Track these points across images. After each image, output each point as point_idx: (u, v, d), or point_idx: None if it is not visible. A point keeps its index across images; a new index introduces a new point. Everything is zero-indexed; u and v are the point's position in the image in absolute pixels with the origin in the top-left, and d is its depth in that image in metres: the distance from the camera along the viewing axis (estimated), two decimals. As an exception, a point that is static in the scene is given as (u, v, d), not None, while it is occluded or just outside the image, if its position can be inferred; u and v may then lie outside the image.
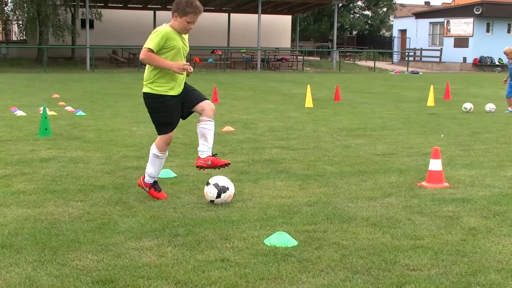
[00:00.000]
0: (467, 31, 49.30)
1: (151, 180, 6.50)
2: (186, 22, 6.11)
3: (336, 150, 9.76)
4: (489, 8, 48.63)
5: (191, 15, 6.09)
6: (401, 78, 35.58)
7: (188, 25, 6.15)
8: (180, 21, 6.12)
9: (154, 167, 6.46)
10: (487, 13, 48.11)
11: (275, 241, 5.02)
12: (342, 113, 15.22)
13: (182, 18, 6.10)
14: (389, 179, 7.59)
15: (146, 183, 6.51)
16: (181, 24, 6.13)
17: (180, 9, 6.08)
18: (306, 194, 6.82)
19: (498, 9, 49.68)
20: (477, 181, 7.57)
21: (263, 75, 35.26)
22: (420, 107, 17.35)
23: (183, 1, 6.10)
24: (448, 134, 11.73)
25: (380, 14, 66.79)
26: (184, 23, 6.12)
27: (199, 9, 6.14)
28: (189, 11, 6.07)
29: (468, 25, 49.21)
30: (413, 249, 4.96)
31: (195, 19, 6.14)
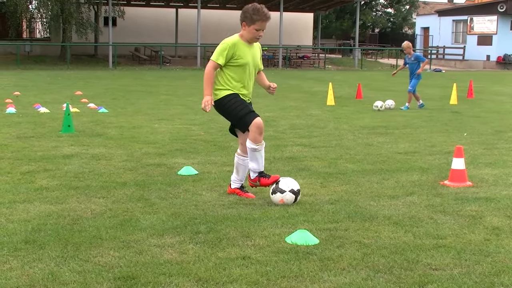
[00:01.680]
0: (490, 28, 48.81)
1: (256, 174, 6.37)
2: (255, 30, 6.13)
3: (358, 148, 9.72)
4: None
5: (259, 23, 6.10)
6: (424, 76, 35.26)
7: (257, 33, 6.17)
8: (249, 30, 6.15)
9: (256, 162, 6.34)
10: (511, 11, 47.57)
11: (297, 239, 5.01)
12: (364, 111, 15.16)
13: (250, 26, 6.12)
14: (411, 178, 7.54)
15: (253, 178, 6.39)
16: (250, 33, 6.16)
17: (248, 17, 6.11)
18: (328, 192, 6.79)
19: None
20: (500, 180, 7.49)
21: (284, 73, 35.22)
22: (442, 105, 17.22)
23: (250, 9, 6.13)
24: (471, 132, 11.62)
25: (402, 11, 66.40)
26: (253, 32, 6.14)
27: (266, 16, 6.11)
28: (256, 19, 6.09)
29: (491, 23, 48.72)
30: (436, 249, 4.92)
31: (263, 26, 6.14)
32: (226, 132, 11.13)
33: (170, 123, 12.40)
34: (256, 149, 6.29)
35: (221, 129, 11.50)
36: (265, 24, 6.15)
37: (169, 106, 15.66)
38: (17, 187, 6.78)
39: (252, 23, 6.10)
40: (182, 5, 45.66)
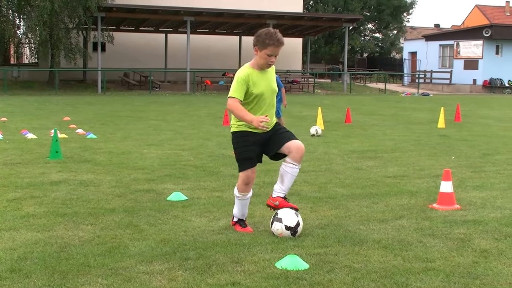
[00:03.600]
0: (476, 53, 49.33)
1: (235, 219, 6.30)
2: (267, 55, 5.93)
3: (347, 172, 9.74)
4: (498, 31, 48.72)
5: (271, 48, 5.90)
6: (412, 100, 35.56)
7: (269, 58, 5.96)
8: (261, 55, 5.95)
9: (237, 208, 6.26)
10: (496, 36, 48.17)
11: (287, 264, 5.00)
12: (353, 135, 15.21)
13: (262, 51, 5.93)
14: (400, 201, 7.55)
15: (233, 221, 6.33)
16: (262, 58, 5.97)
17: (260, 42, 5.94)
18: (317, 216, 6.79)
19: (507, 32, 49.77)
20: (488, 202, 7.52)
21: (273, 98, 35.33)
22: (430, 129, 17.32)
23: (263, 33, 5.98)
24: (459, 156, 11.68)
25: (390, 36, 67.05)
26: (265, 57, 5.94)
27: (279, 41, 5.93)
28: (269, 43, 5.90)
29: (477, 47, 49.25)
30: (425, 272, 4.93)
31: (276, 51, 5.95)
32: (215, 157, 11.16)
33: (160, 148, 12.39)
34: (238, 197, 6.20)
35: (211, 154, 11.51)
36: (278, 50, 5.95)
37: (158, 132, 15.66)
38: (3, 214, 6.73)
39: (264, 48, 5.91)
40: (172, 30, 45.87)
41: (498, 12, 79.01)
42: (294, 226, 5.88)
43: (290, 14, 43.37)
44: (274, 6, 45.31)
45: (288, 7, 46.68)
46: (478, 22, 69.27)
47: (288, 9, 45.51)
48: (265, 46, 5.90)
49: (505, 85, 49.03)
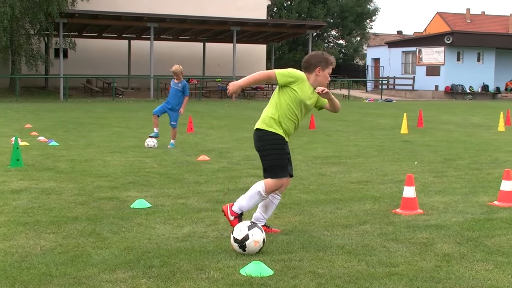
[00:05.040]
0: (438, 59, 50.06)
1: (239, 211, 6.21)
2: (326, 74, 6.20)
3: (311, 178, 9.78)
4: (459, 38, 49.54)
5: (329, 69, 6.21)
6: (375, 106, 35.93)
7: (327, 79, 6.24)
8: (323, 74, 6.18)
9: (250, 204, 6.16)
10: (457, 42, 48.96)
11: (251, 270, 4.99)
12: (317, 141, 15.29)
13: (325, 70, 6.17)
14: (364, 207, 7.61)
15: (233, 210, 6.20)
16: (324, 77, 6.20)
17: (323, 62, 6.16)
18: (282, 222, 6.80)
19: (468, 38, 50.66)
20: (450, 207, 7.62)
21: (238, 104, 35.38)
22: (394, 134, 17.50)
23: (320, 54, 6.24)
24: (422, 161, 11.83)
25: (353, 43, 67.65)
26: (326, 75, 6.21)
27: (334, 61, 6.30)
28: (330, 63, 6.20)
29: (439, 54, 49.99)
30: (388, 277, 4.97)
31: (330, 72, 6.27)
32: (179, 164, 11.11)
33: (123, 155, 12.28)
34: (263, 196, 6.09)
35: (175, 161, 11.45)
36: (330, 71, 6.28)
37: (121, 139, 15.52)
38: (-36, 223, 6.60)
39: (327, 67, 6.17)
40: (135, 36, 45.61)
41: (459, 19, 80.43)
42: (241, 239, 5.54)
43: (254, 21, 43.48)
44: (238, 13, 45.40)
45: (252, 13, 46.81)
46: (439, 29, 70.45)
47: (252, 16, 45.64)
48: (328, 65, 6.18)
49: (466, 91, 49.85)
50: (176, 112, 13.63)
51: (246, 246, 5.55)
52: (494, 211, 7.42)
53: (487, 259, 5.49)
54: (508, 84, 52.55)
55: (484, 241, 6.08)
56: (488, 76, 50.65)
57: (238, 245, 5.58)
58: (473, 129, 18.26)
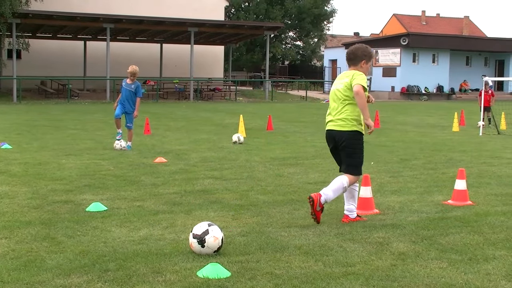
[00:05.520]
0: (394, 61, 50.73)
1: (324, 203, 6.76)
2: (368, 66, 6.84)
3: (269, 179, 9.79)
4: (414, 39, 50.29)
5: (370, 62, 6.90)
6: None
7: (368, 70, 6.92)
8: (366, 66, 6.83)
9: (334, 195, 6.79)
10: (413, 44, 49.71)
11: (208, 272, 4.97)
12: (275, 143, 15.33)
13: (368, 63, 6.83)
14: (321, 207, 7.64)
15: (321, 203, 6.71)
16: (366, 69, 6.84)
17: (367, 55, 6.79)
18: (239, 224, 6.79)
19: (423, 40, 51.48)
20: (405, 207, 7.72)
21: (196, 106, 35.25)
22: (350, 135, 17.60)
23: (365, 47, 6.84)
24: (378, 161, 11.95)
25: (311, 44, 68.04)
26: (368, 67, 6.86)
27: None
28: (371, 58, 6.87)
29: (395, 55, 50.66)
30: (345, 276, 5.00)
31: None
32: (136, 166, 11.01)
33: (78, 158, 12.11)
34: (345, 188, 6.80)
35: (131, 163, 11.34)
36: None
37: (77, 141, 15.30)
38: None
39: (369, 60, 6.83)
40: (91, 37, 45.04)
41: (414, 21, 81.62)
42: (200, 234, 5.55)
43: (212, 22, 43.39)
44: (195, 14, 45.24)
45: (210, 14, 46.71)
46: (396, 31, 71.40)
47: (210, 17, 45.53)
48: (371, 58, 6.87)
49: (422, 92, 50.62)
50: (131, 114, 13.49)
51: (205, 241, 5.53)
52: (448, 210, 7.54)
53: (442, 257, 5.58)
54: (462, 85, 53.55)
55: (438, 239, 6.18)
56: (443, 77, 51.55)
57: (197, 241, 5.56)
58: (429, 129, 18.54)
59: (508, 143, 15.85)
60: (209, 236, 5.55)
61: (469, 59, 55.62)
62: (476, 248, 5.87)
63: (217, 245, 5.58)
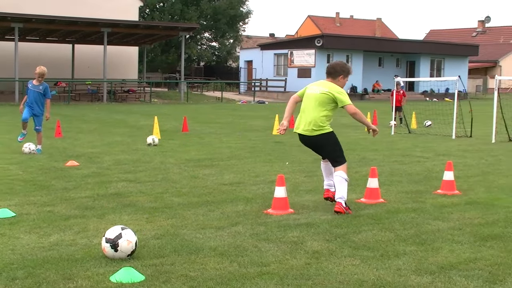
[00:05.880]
0: (309, 62, 51.49)
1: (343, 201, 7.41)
2: (345, 81, 7.66)
3: (184, 181, 9.72)
4: (329, 40, 51.19)
5: (347, 78, 7.69)
6: (248, 108, 36.40)
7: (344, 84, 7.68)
8: (343, 81, 7.64)
9: (346, 189, 7.48)
10: (328, 45, 50.58)
11: (121, 277, 4.87)
12: (190, 144, 15.24)
13: (345, 79, 7.64)
14: (236, 208, 7.66)
15: (346, 206, 7.41)
16: (344, 83, 7.66)
17: (346, 71, 7.62)
18: (153, 227, 6.70)
19: (338, 41, 52.47)
20: (320, 206, 7.83)
21: (109, 107, 34.62)
22: (266, 135, 17.78)
23: (344, 64, 7.74)
24: (293, 161, 12.09)
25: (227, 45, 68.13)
26: (342, 83, 7.63)
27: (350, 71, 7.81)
28: (348, 73, 7.66)
29: (310, 56, 51.41)
30: (260, 276, 5.02)
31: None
32: (46, 170, 10.69)
33: (-15, 162, 11.62)
34: (347, 180, 7.52)
35: (41, 168, 10.99)
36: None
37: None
38: None
39: (347, 76, 7.63)
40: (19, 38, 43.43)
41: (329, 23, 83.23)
42: (113, 238, 5.44)
43: (125, 22, 42.70)
44: (109, 14, 44.40)
45: (124, 15, 45.96)
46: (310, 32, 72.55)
47: (124, 17, 44.80)
48: (348, 74, 7.66)
49: (335, 93, 51.54)
50: (40, 117, 13.07)
51: (118, 245, 5.44)
52: (361, 208, 7.71)
53: (354, 254, 5.69)
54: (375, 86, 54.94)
55: (351, 237, 6.30)
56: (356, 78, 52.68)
57: (110, 245, 5.46)
58: (342, 129, 18.87)
59: (418, 142, 16.38)
60: (122, 240, 5.46)
61: (381, 60, 57.10)
62: (387, 245, 6.02)
63: (131, 248, 5.49)
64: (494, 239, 6.25)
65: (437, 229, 6.69)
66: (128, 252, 5.47)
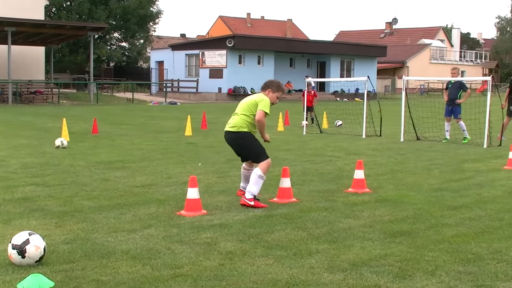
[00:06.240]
0: (221, 62, 51.54)
1: (254, 194, 7.74)
2: (276, 97, 8.11)
3: (95, 184, 9.51)
4: (240, 41, 51.40)
5: (279, 93, 8.13)
6: (160, 109, 36.06)
7: (275, 100, 8.14)
8: (272, 96, 8.07)
9: (258, 186, 7.76)
10: (239, 46, 50.77)
11: (29, 284, 4.71)
12: (100, 146, 14.93)
13: (275, 93, 8.08)
14: (148, 210, 7.56)
15: (250, 198, 7.70)
16: (273, 97, 8.08)
17: (275, 86, 8.12)
18: (63, 231, 6.52)
19: (249, 42, 52.75)
20: (233, 206, 7.85)
21: (15, 109, 33.45)
22: (178, 137, 17.66)
23: (276, 82, 8.27)
24: (206, 162, 12.06)
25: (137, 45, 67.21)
26: (275, 98, 8.10)
27: (284, 88, 8.27)
28: (279, 89, 8.12)
29: (222, 57, 51.47)
30: (173, 278, 4.97)
31: (281, 96, 8.15)
32: None
33: None
34: (262, 177, 7.78)
35: None
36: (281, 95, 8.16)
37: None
38: None
39: (276, 92, 8.09)
40: None
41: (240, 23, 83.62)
42: (20, 244, 5.27)
43: (31, 21, 41.34)
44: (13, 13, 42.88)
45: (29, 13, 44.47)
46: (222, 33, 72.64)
47: (29, 16, 43.35)
48: (278, 91, 8.12)
49: (248, 93, 51.92)
50: None
51: (26, 251, 5.27)
52: (274, 208, 7.77)
53: (268, 254, 5.72)
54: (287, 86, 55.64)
55: (265, 237, 6.34)
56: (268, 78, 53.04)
57: (17, 251, 5.28)
58: (254, 129, 19.01)
59: (330, 141, 16.69)
60: (30, 245, 5.29)
61: (292, 61, 57.87)
62: (300, 243, 6.09)
63: (39, 254, 5.32)
64: (403, 235, 6.45)
65: (349, 227, 6.83)
66: (36, 258, 5.30)
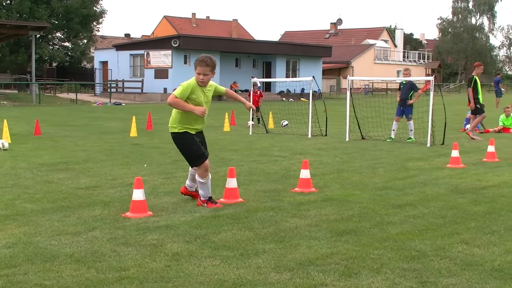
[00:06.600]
0: (166, 62, 51.20)
1: (206, 197, 7.79)
2: (197, 74, 7.43)
3: (37, 186, 9.31)
4: (185, 41, 51.15)
5: (198, 67, 7.40)
6: (104, 110, 35.59)
7: (199, 77, 7.46)
8: (195, 75, 7.46)
9: (204, 190, 7.78)
10: (184, 46, 50.52)
11: (-32, 291, 4.57)
12: (43, 148, 14.63)
13: (195, 71, 7.43)
14: (93, 213, 7.44)
15: (203, 199, 7.79)
16: (197, 77, 7.47)
17: (194, 64, 7.44)
18: (4, 235, 6.36)
19: (194, 42, 52.53)
20: (179, 207, 7.80)
21: (-46, 110, 32.52)
22: (123, 138, 17.45)
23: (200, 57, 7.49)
24: (151, 163, 11.95)
25: (80, 45, 66.10)
26: (196, 75, 7.46)
27: (200, 60, 7.39)
28: (196, 64, 7.40)
29: (167, 57, 51.14)
30: (119, 281, 4.91)
31: (202, 70, 7.40)
32: None
33: None
34: (203, 182, 7.71)
35: None
36: (203, 69, 7.37)
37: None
38: None
39: (195, 68, 7.44)
40: None
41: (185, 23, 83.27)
42: None
43: (-30, 20, 40.34)
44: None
45: (-33, 12, 43.39)
46: (167, 33, 72.19)
47: (-33, 15, 42.30)
48: (195, 67, 7.44)
49: (193, 94, 51.60)
50: None
51: None
52: (220, 208, 7.75)
53: (214, 254, 5.71)
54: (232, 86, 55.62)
55: (211, 237, 6.32)
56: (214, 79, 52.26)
57: None
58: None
59: (276, 141, 16.77)
60: None
61: (238, 61, 57.93)
62: (247, 244, 6.10)
63: None
64: (349, 234, 6.52)
65: (295, 226, 6.87)
66: None
